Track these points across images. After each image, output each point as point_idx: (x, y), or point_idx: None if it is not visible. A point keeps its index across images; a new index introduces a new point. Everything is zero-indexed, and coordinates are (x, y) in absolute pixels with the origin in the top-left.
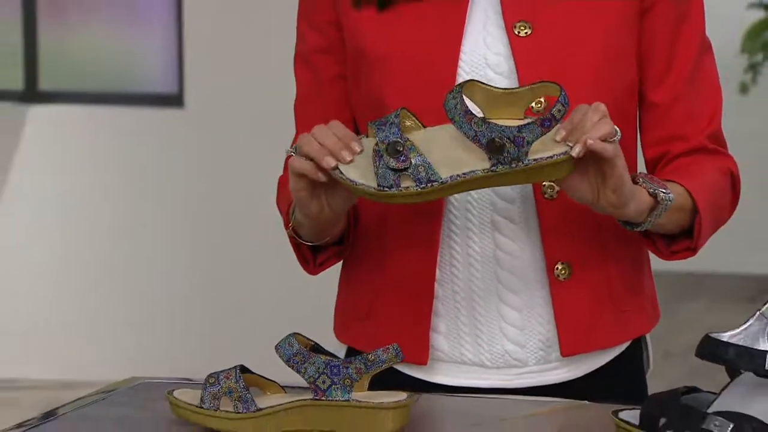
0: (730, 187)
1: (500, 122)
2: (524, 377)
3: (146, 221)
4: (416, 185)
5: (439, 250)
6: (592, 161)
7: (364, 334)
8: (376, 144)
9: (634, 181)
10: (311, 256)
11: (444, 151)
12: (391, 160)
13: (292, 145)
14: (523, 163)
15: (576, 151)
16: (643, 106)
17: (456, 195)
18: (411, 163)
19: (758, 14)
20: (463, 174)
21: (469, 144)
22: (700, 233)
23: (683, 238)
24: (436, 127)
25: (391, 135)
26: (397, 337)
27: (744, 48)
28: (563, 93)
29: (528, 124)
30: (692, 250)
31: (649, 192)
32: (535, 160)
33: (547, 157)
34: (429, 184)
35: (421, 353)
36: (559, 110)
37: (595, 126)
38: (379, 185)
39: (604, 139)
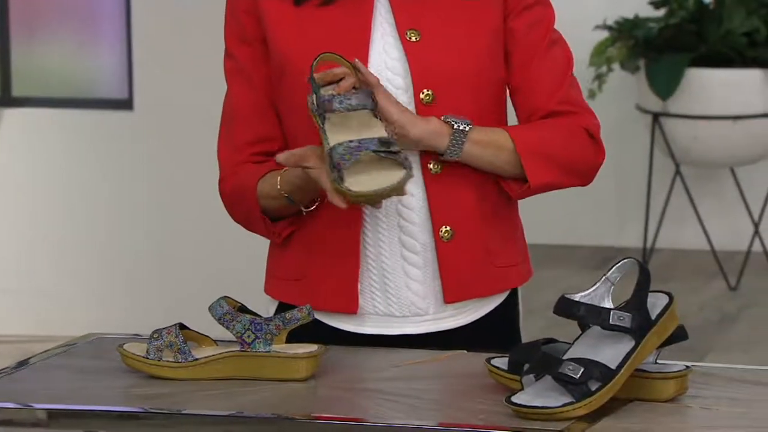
0: (585, 138)
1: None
2: (426, 324)
3: (102, 207)
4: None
5: (362, 221)
6: None
7: (297, 291)
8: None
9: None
10: (277, 229)
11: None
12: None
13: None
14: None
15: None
16: (510, 93)
17: None
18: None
19: (603, 34)
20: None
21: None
22: (530, 170)
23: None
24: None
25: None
26: (329, 293)
27: (591, 62)
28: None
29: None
30: (530, 188)
31: (445, 121)
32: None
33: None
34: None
35: (350, 304)
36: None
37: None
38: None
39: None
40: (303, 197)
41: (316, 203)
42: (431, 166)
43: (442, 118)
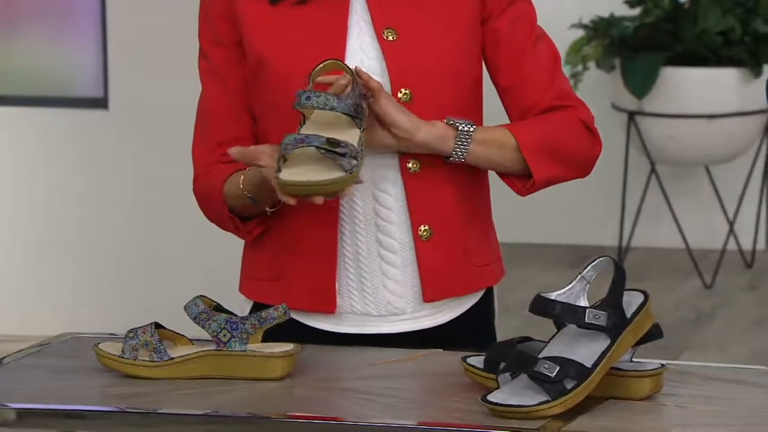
0: (582, 130)
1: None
2: (403, 323)
3: (78, 206)
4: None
5: (338, 220)
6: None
7: (273, 291)
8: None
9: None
10: (248, 228)
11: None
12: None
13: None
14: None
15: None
16: (500, 93)
17: None
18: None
19: (578, 33)
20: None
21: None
22: (534, 167)
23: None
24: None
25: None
26: (306, 292)
27: (567, 61)
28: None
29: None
30: (535, 184)
31: (449, 124)
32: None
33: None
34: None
35: (329, 304)
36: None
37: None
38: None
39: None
40: (264, 197)
41: (280, 203)
42: (410, 164)
43: (445, 120)
